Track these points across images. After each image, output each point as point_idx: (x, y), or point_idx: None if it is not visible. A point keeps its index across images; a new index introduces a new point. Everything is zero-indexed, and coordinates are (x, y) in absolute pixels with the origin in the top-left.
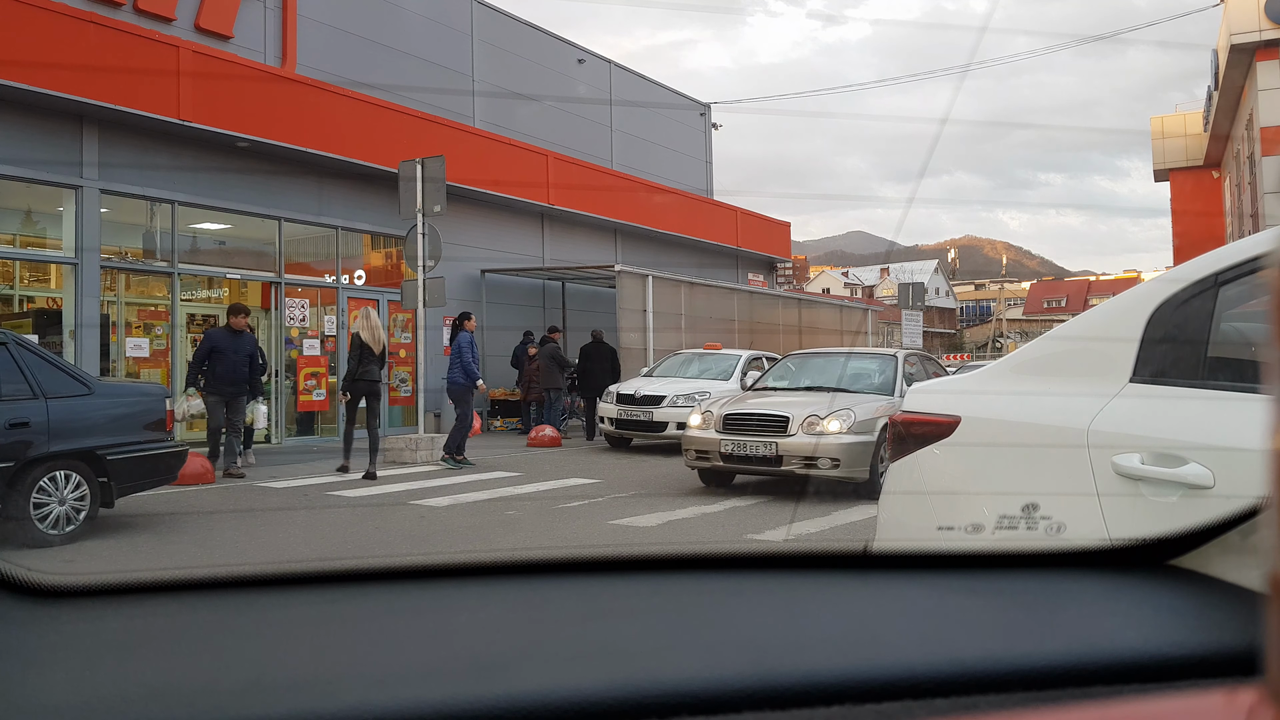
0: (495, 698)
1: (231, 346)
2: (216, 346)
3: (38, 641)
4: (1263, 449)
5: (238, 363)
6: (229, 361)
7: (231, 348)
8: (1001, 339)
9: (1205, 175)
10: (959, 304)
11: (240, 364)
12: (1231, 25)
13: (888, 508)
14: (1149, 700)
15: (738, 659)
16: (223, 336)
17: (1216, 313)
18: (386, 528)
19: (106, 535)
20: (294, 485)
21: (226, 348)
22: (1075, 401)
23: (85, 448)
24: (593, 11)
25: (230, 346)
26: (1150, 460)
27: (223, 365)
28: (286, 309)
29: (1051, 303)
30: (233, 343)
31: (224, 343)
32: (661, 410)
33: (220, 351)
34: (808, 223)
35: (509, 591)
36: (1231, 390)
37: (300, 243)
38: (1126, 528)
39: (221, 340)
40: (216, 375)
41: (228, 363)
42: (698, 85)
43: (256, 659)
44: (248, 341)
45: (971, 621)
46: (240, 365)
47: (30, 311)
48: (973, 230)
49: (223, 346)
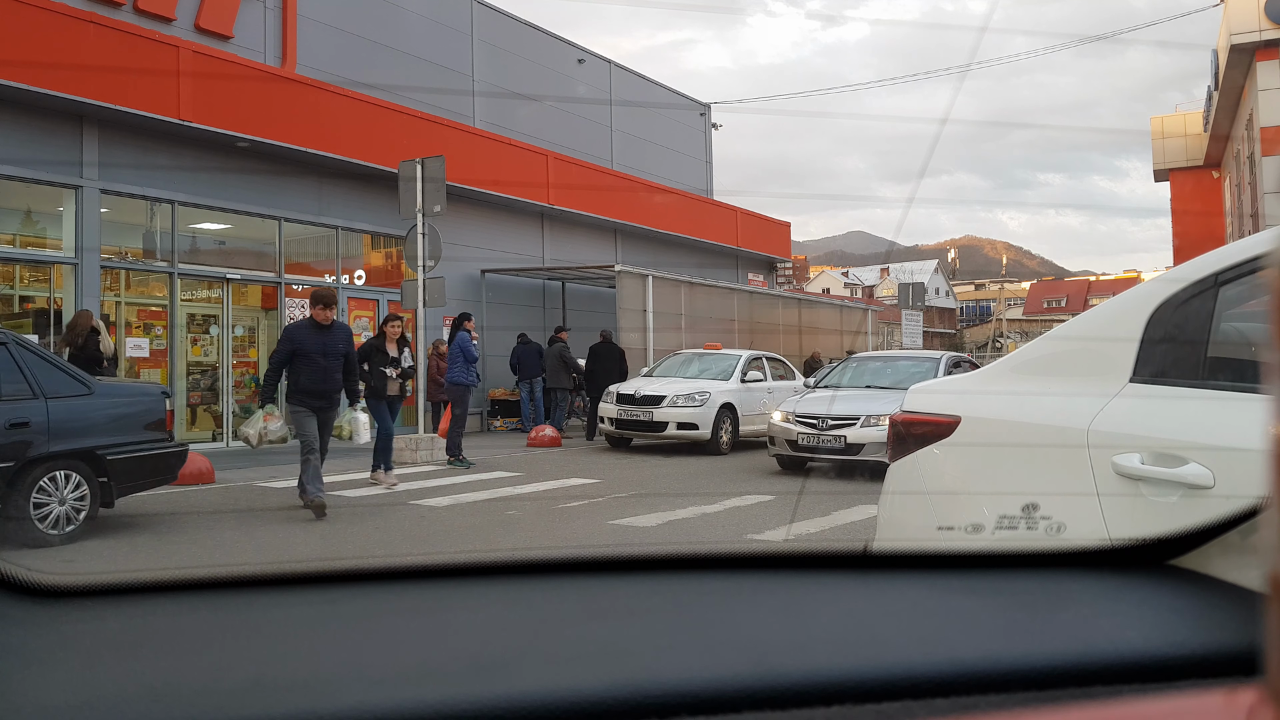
0: (495, 698)
1: (319, 345)
2: (300, 347)
3: (38, 641)
4: (1263, 449)
5: (328, 367)
6: (317, 366)
7: (319, 347)
8: (1001, 339)
9: (1205, 175)
10: (959, 304)
11: (331, 368)
12: (1231, 25)
13: (888, 508)
14: (1149, 700)
15: (738, 659)
16: (306, 334)
17: (1216, 313)
18: (386, 528)
19: (106, 535)
20: (294, 485)
21: (313, 348)
22: (1075, 401)
23: (85, 448)
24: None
25: (317, 345)
26: (1150, 460)
27: (309, 371)
28: (287, 309)
29: (1051, 303)
30: (320, 340)
31: (309, 341)
32: (661, 410)
33: (305, 354)
34: (808, 223)
35: (509, 591)
36: (1231, 390)
37: (300, 243)
38: (1126, 528)
39: (306, 338)
40: (301, 385)
41: (315, 368)
42: (698, 85)
43: (256, 659)
44: (339, 337)
45: (971, 621)
46: (332, 369)
47: (30, 311)
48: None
49: (308, 347)
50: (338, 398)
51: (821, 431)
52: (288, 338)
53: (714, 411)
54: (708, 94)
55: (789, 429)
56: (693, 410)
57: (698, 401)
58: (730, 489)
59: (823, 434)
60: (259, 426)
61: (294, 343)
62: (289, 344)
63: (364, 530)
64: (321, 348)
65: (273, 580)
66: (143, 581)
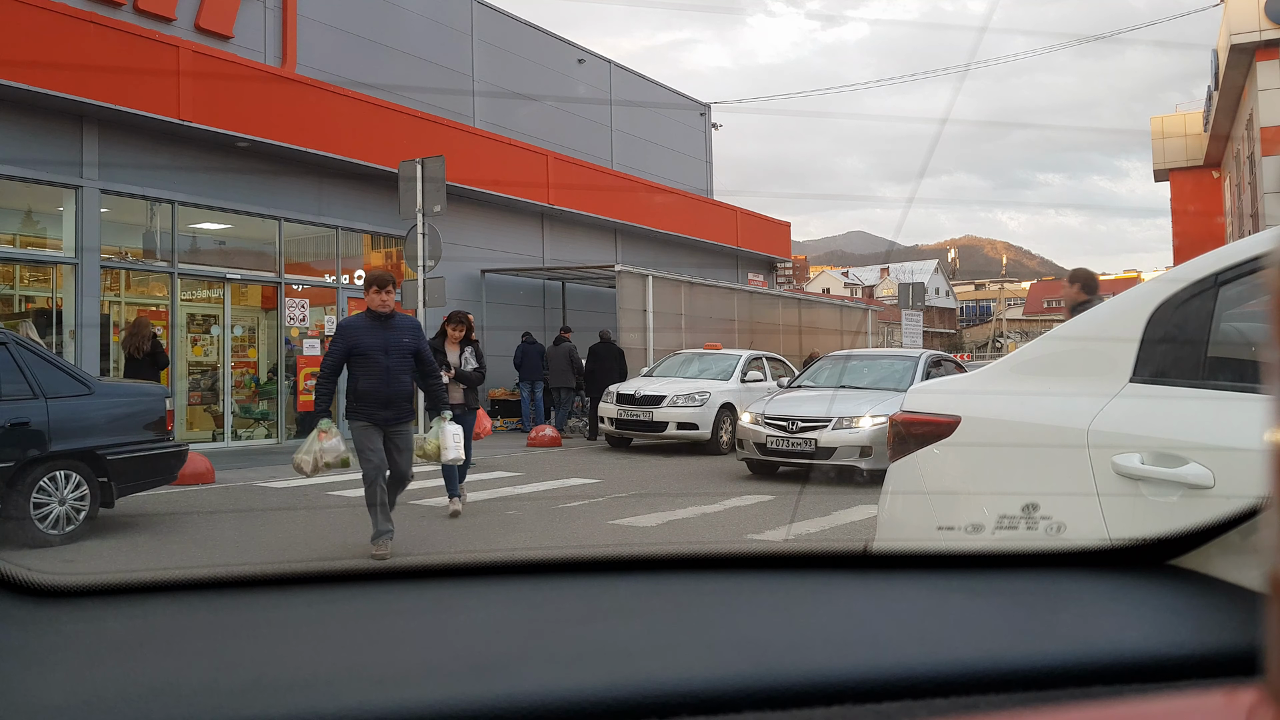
0: (495, 698)
1: (379, 341)
2: (357, 346)
3: (38, 641)
4: (1263, 449)
5: (392, 367)
6: (378, 368)
7: (380, 343)
8: (1001, 339)
9: (1205, 175)
10: (959, 304)
11: (397, 368)
12: (1231, 25)
13: (888, 508)
14: (1149, 700)
15: (738, 659)
16: (363, 328)
17: (1216, 313)
18: None
19: (106, 535)
20: (294, 485)
21: (372, 345)
22: (1075, 401)
23: (85, 448)
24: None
25: (377, 342)
26: (1150, 460)
27: (370, 374)
28: (287, 309)
29: (1051, 303)
30: (381, 335)
31: (367, 337)
32: (661, 410)
33: (364, 354)
34: (808, 223)
35: (509, 591)
36: (1231, 390)
37: (300, 243)
38: (1126, 528)
39: (362, 334)
40: (360, 393)
41: (376, 370)
42: (698, 85)
43: (256, 659)
44: (404, 329)
45: (971, 621)
46: (397, 370)
47: (30, 311)
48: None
49: (366, 344)
50: (408, 407)
51: (791, 434)
52: (340, 334)
53: (714, 411)
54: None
55: (758, 431)
56: (693, 410)
57: (698, 401)
58: (730, 489)
59: (792, 436)
60: (314, 449)
61: (348, 340)
62: (342, 342)
63: (364, 530)
64: (383, 344)
65: (273, 580)
66: (143, 581)
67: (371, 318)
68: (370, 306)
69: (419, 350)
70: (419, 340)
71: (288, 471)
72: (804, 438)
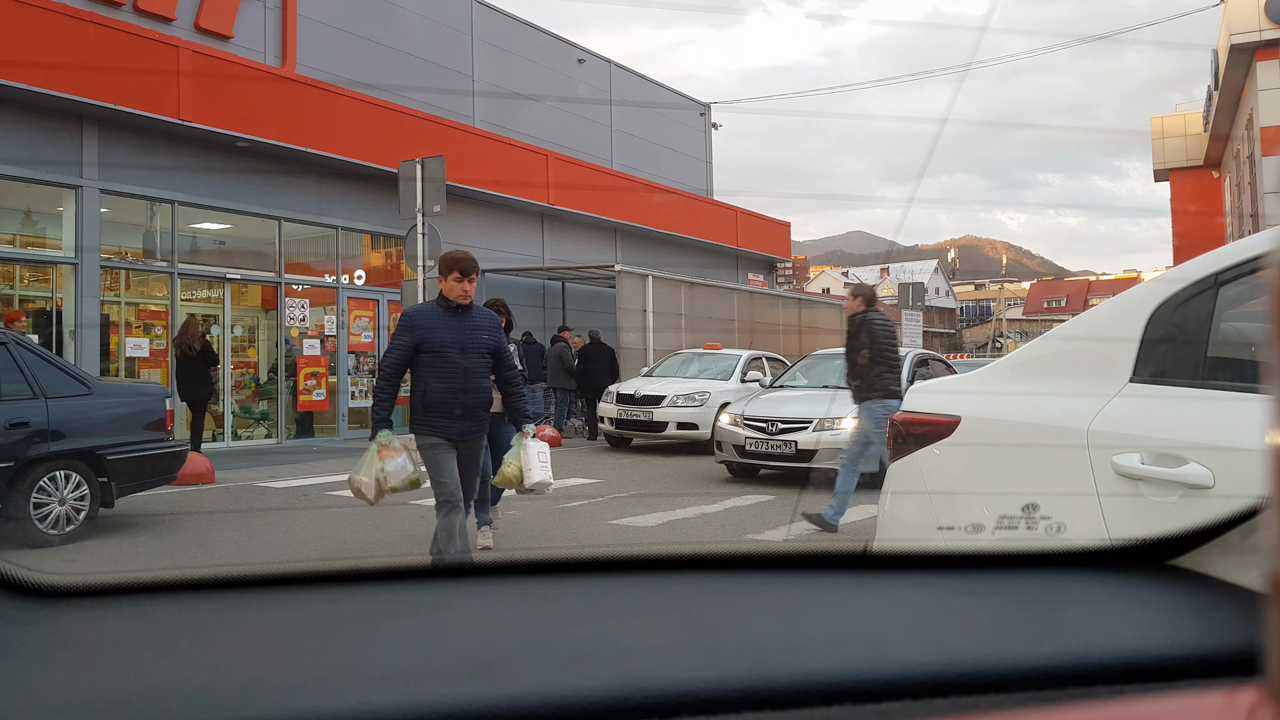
0: (495, 698)
1: (455, 336)
2: (428, 339)
3: (38, 641)
4: (1263, 449)
5: (471, 369)
6: (453, 369)
7: (455, 338)
8: (1001, 339)
9: (1205, 175)
10: (959, 304)
11: (475, 370)
12: (1231, 25)
13: (888, 508)
14: (1149, 700)
15: (738, 659)
16: (437, 318)
17: (1216, 313)
18: (386, 528)
19: (106, 535)
20: (294, 485)
21: (446, 339)
22: (1075, 401)
23: (85, 448)
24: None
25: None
26: (1150, 460)
27: (443, 376)
28: (287, 309)
29: (1051, 303)
30: (457, 328)
31: (442, 330)
32: (661, 410)
33: (436, 350)
34: (807, 223)
35: (509, 591)
36: (1231, 390)
37: (300, 243)
38: (1126, 528)
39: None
40: (431, 399)
41: (451, 371)
42: (698, 85)
43: (256, 659)
44: (484, 323)
45: (971, 621)
46: (476, 372)
47: (30, 311)
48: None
49: (440, 339)
50: (487, 416)
51: (770, 436)
52: (408, 326)
53: (714, 411)
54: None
55: (736, 433)
56: (693, 410)
57: (698, 401)
58: (730, 489)
59: (772, 439)
60: (374, 469)
61: (417, 332)
62: (410, 336)
63: (364, 530)
64: (459, 340)
65: (273, 580)
66: (143, 581)
67: (446, 309)
68: (447, 295)
69: (499, 349)
70: (499, 337)
71: (288, 471)
72: (784, 440)
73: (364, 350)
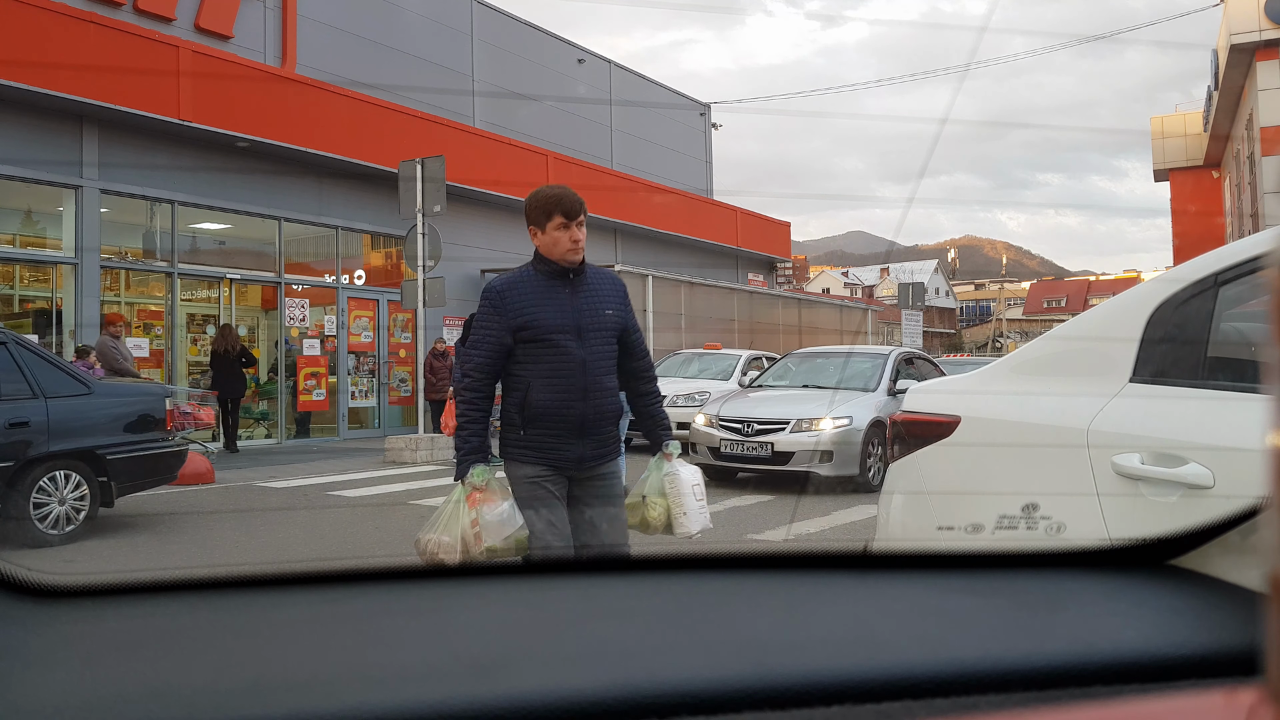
0: (495, 698)
1: (569, 315)
2: (529, 324)
3: (38, 641)
4: (1263, 449)
5: (589, 361)
6: (568, 361)
7: (569, 318)
8: (1001, 339)
9: (1205, 175)
10: (959, 304)
11: (597, 361)
12: (1231, 25)
13: (888, 508)
14: (1149, 700)
15: (738, 659)
16: (537, 292)
17: (1216, 313)
18: (386, 528)
19: (106, 535)
20: (294, 485)
21: (551, 318)
22: (1075, 401)
23: (85, 447)
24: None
25: (563, 313)
26: (1150, 460)
27: (553, 375)
28: (287, 309)
29: (1051, 303)
30: (570, 304)
31: (546, 305)
32: None
33: (541, 334)
34: (807, 223)
35: (509, 591)
36: (1231, 390)
37: (300, 243)
38: (1126, 528)
39: (536, 301)
40: (535, 408)
41: (565, 364)
42: (698, 85)
43: (256, 659)
44: (607, 294)
45: (971, 621)
46: (598, 365)
47: (30, 311)
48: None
49: (546, 318)
50: (616, 434)
51: (746, 438)
52: (495, 304)
53: None
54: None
55: (711, 434)
56: (692, 410)
57: (697, 402)
58: (730, 489)
59: (748, 440)
60: (462, 524)
61: (511, 312)
62: (499, 316)
63: (364, 530)
64: (573, 320)
65: (273, 580)
66: (143, 582)
67: (548, 274)
68: (547, 254)
69: (627, 328)
70: (627, 312)
71: (288, 471)
72: (760, 441)
73: (364, 350)
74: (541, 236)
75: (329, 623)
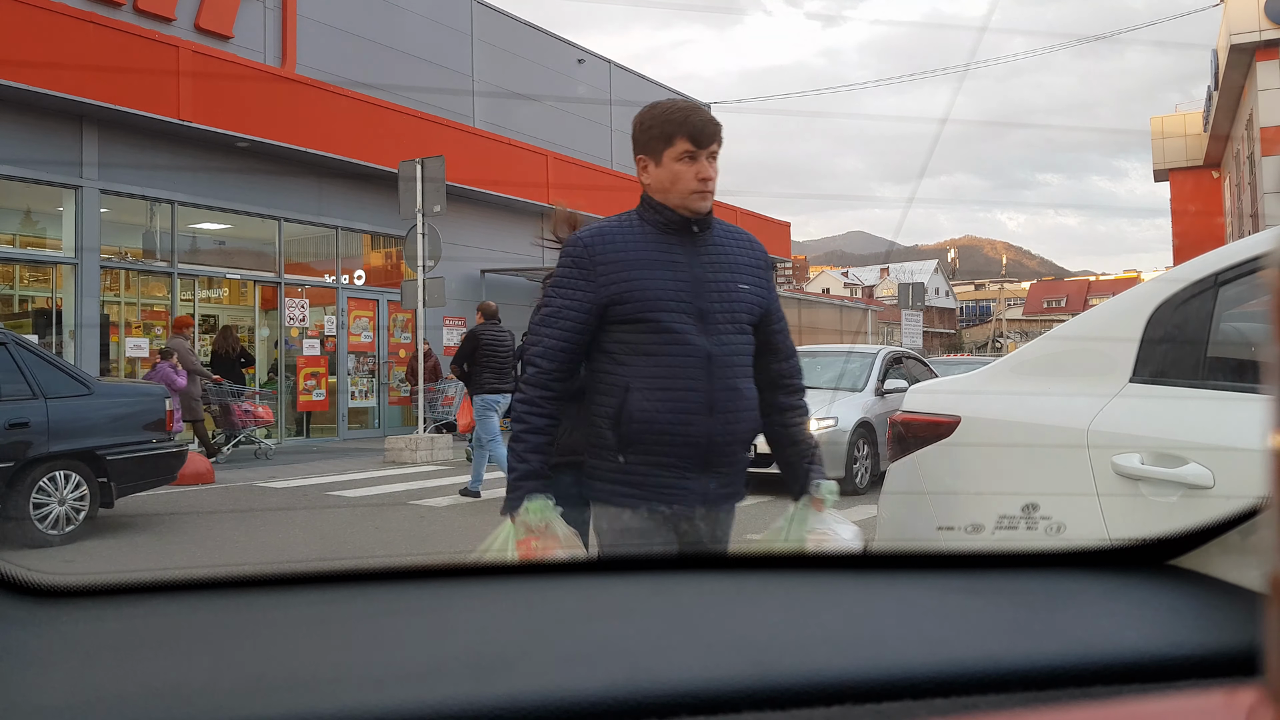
0: (495, 698)
1: (686, 285)
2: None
3: (38, 641)
4: (1263, 449)
5: (720, 357)
6: (690, 358)
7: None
8: (1001, 339)
9: (1205, 175)
10: (959, 304)
11: (731, 357)
12: (1231, 25)
13: (888, 508)
14: (1149, 700)
15: (738, 659)
16: (644, 243)
17: (1216, 313)
18: (386, 528)
19: (106, 535)
20: (294, 485)
21: (667, 291)
22: (1075, 401)
23: (85, 448)
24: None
25: (683, 286)
26: (1150, 460)
27: (665, 369)
28: (287, 309)
29: (1051, 303)
30: (687, 268)
31: (659, 274)
32: None
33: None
34: (807, 223)
35: (509, 591)
36: (1231, 390)
37: (300, 243)
38: (1126, 528)
39: (642, 261)
40: (633, 420)
41: (685, 360)
42: (698, 86)
43: (256, 659)
44: (741, 261)
45: (971, 621)
46: (731, 364)
47: (30, 311)
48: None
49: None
50: (745, 459)
51: None
52: (582, 261)
53: None
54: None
55: None
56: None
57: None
58: None
59: None
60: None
61: (605, 278)
62: (587, 283)
63: (364, 530)
64: (694, 290)
65: (273, 580)
66: (143, 582)
67: (660, 226)
68: (660, 196)
69: (770, 313)
70: (768, 289)
71: (288, 471)
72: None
73: (364, 350)
74: (655, 170)
75: (329, 623)
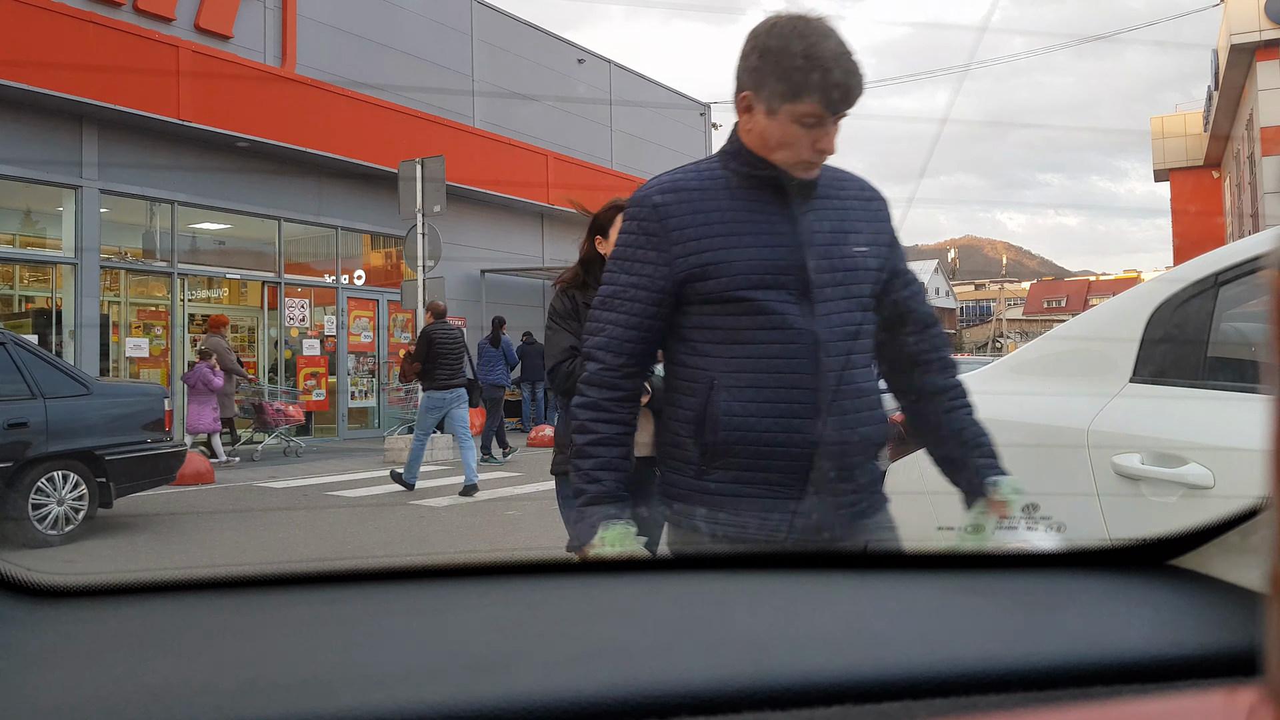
0: (495, 698)
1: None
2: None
3: (37, 641)
4: (1263, 449)
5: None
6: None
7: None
8: (1002, 339)
9: (1205, 175)
10: (959, 304)
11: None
12: (1231, 25)
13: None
14: (1149, 700)
15: (738, 659)
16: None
17: (1216, 313)
18: (386, 528)
19: (106, 535)
20: (294, 485)
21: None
22: (1075, 401)
23: (84, 448)
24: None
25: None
26: (1150, 460)
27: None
28: (286, 309)
29: (1051, 303)
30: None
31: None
32: None
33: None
34: None
35: (509, 591)
36: (1231, 390)
37: (300, 243)
38: (1126, 528)
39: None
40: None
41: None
42: (697, 86)
43: (256, 659)
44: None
45: (971, 621)
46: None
47: (30, 311)
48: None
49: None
50: (872, 468)
51: None
52: (651, 226)
53: None
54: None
55: None
56: None
57: None
58: None
59: None
60: None
61: (677, 245)
62: (660, 253)
63: (364, 530)
64: (794, 257)
65: (273, 580)
66: (143, 582)
67: (750, 180)
68: (760, 150)
69: (896, 274)
70: (892, 243)
71: (288, 471)
72: None
73: (364, 350)
74: (764, 120)
75: (329, 623)
